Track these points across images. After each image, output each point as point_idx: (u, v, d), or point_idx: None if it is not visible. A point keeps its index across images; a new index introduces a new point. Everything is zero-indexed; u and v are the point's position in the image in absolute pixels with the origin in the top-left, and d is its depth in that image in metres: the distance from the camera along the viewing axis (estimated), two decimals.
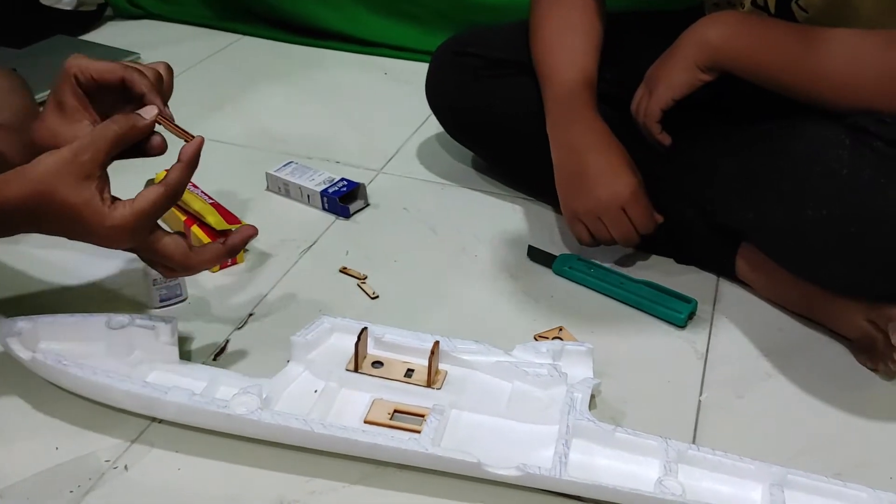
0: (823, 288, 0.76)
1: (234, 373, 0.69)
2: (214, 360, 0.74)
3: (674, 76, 0.77)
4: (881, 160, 0.66)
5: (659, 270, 0.87)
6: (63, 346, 0.68)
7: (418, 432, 0.63)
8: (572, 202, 0.84)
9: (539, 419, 0.66)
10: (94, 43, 1.39)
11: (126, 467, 0.63)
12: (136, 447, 0.65)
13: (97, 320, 0.70)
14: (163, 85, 0.65)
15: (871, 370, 0.74)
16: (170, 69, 0.66)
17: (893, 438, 0.68)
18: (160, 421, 0.67)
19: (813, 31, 0.71)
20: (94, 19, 1.50)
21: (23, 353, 0.66)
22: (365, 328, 0.70)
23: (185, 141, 0.63)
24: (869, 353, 0.74)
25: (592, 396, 0.69)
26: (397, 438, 0.61)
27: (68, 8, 1.45)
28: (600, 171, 0.81)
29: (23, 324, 0.69)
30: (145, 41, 1.42)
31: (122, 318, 0.70)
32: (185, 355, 0.73)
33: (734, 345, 0.78)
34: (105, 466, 0.63)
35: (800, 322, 0.80)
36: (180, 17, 1.53)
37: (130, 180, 0.94)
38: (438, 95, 1.02)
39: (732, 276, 0.85)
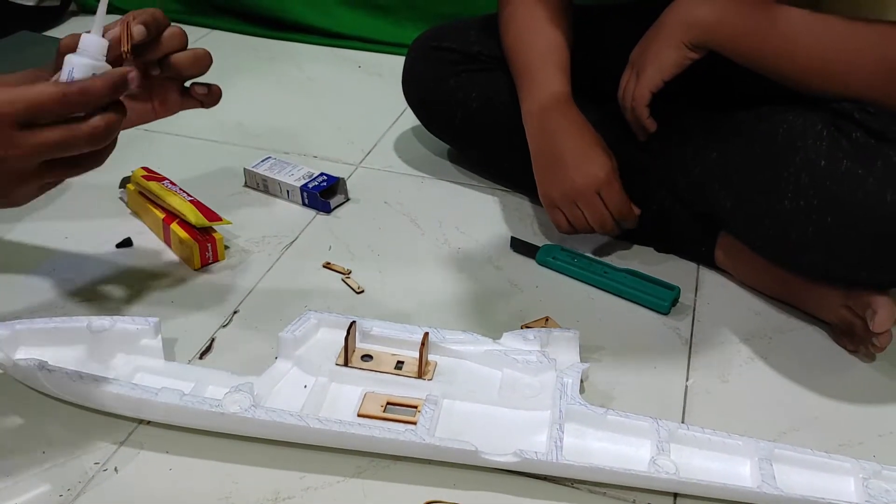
0: (801, 276, 0.77)
1: (222, 371, 0.69)
2: (201, 358, 0.73)
3: (662, 57, 0.75)
4: (858, 150, 0.67)
5: (640, 259, 0.88)
6: (43, 352, 0.67)
7: (413, 423, 0.63)
8: (549, 188, 0.84)
9: (531, 405, 0.66)
10: (60, 39, 1.36)
11: (116, 469, 0.62)
12: (124, 450, 0.64)
13: (78, 324, 0.69)
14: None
15: (851, 352, 0.76)
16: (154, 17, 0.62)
17: (875, 418, 0.70)
18: (148, 422, 0.66)
19: (808, 16, 0.71)
20: (58, 15, 1.47)
21: (3, 360, 0.65)
22: (353, 322, 0.70)
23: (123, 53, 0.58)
24: (848, 336, 0.76)
25: (581, 382, 0.69)
26: (394, 430, 0.61)
27: (31, 3, 1.42)
28: (574, 156, 0.82)
29: (0, 330, 0.67)
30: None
31: (103, 321, 0.69)
32: (171, 355, 0.72)
33: (717, 330, 0.79)
34: (94, 469, 0.62)
35: (779, 307, 0.82)
36: None
37: (114, 177, 0.94)
38: (415, 90, 1.01)
39: (712, 264, 0.87)
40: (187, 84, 0.67)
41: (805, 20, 0.71)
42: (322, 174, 0.97)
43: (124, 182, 0.94)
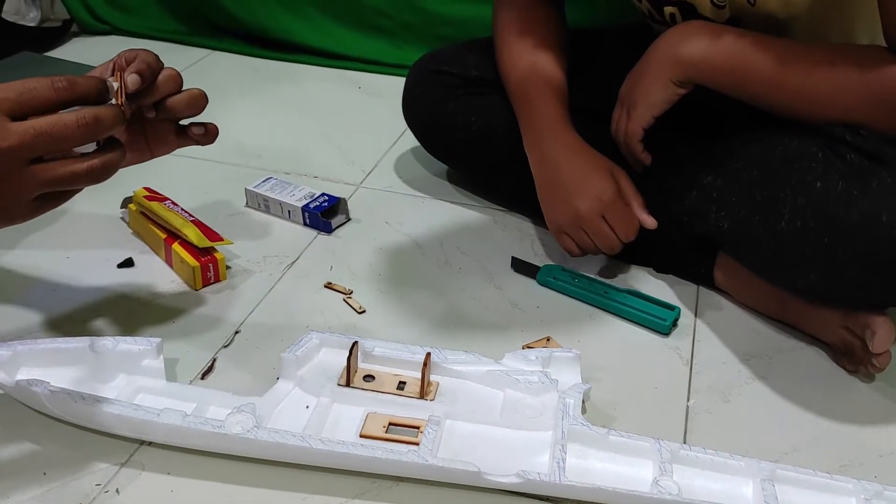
0: (800, 297, 0.77)
1: (224, 392, 0.69)
2: (202, 379, 0.73)
3: (651, 94, 0.77)
4: (853, 172, 0.68)
5: (640, 280, 0.89)
6: (45, 373, 0.66)
7: (415, 444, 0.63)
8: (554, 216, 0.85)
9: (533, 426, 0.66)
10: (61, 59, 1.37)
11: (118, 491, 0.62)
12: (126, 471, 0.63)
13: (79, 344, 0.69)
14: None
15: (851, 373, 0.76)
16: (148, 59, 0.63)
17: (876, 438, 0.70)
18: (149, 443, 0.66)
19: (790, 45, 0.72)
20: (59, 35, 1.48)
21: (4, 380, 0.65)
22: (356, 342, 0.70)
23: (119, 106, 0.57)
24: (847, 357, 0.76)
25: (583, 402, 0.69)
26: (396, 451, 0.61)
27: (32, 24, 1.43)
28: (574, 182, 0.82)
29: (1, 351, 0.67)
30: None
31: (105, 342, 0.69)
32: (172, 376, 0.72)
33: (717, 351, 0.79)
34: (96, 490, 0.62)
35: (779, 328, 0.82)
36: (147, 33, 1.52)
37: (116, 197, 0.94)
38: (416, 113, 1.02)
39: (711, 285, 0.87)
40: (183, 122, 0.67)
41: (788, 51, 0.72)
42: (323, 194, 0.98)
43: (126, 202, 0.94)
